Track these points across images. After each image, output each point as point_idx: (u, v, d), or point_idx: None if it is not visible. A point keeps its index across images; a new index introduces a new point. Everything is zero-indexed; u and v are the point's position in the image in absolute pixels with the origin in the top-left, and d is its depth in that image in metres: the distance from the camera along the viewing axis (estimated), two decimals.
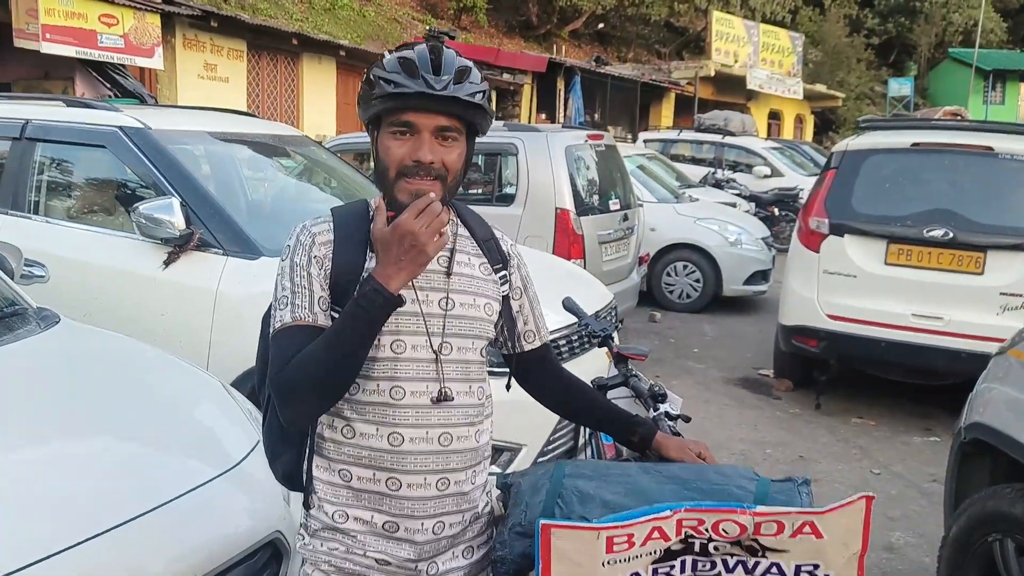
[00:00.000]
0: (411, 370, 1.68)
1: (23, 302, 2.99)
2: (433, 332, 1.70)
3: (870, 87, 32.78)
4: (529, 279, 1.92)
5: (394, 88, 1.59)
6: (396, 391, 1.68)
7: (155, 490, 2.19)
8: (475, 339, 1.75)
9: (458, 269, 1.75)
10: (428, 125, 1.61)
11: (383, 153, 1.65)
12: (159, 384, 2.81)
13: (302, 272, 1.68)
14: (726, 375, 7.01)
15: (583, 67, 20.41)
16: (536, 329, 1.93)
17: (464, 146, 1.69)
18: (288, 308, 1.67)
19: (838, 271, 5.83)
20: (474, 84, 1.64)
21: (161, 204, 3.75)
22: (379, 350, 1.67)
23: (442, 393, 1.70)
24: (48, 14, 9.79)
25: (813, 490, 1.89)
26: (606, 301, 4.43)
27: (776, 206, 13.61)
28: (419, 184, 1.62)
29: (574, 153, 6.80)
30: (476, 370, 1.78)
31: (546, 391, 1.98)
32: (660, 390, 2.50)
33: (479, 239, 1.82)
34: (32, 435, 2.31)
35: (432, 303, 1.70)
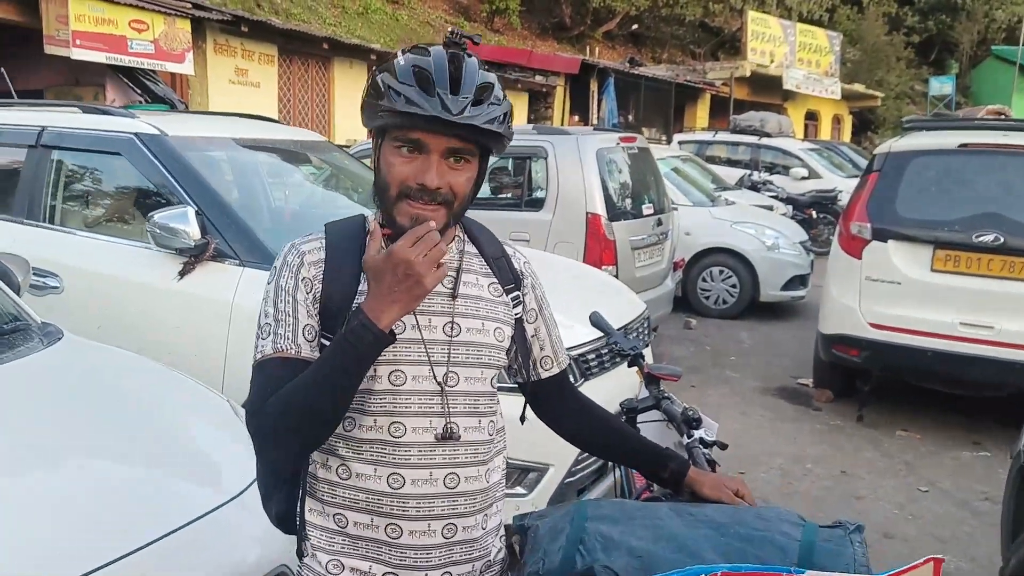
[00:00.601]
0: (412, 404, 1.52)
1: (27, 317, 2.88)
2: (437, 361, 1.53)
3: (910, 86, 32.13)
4: (545, 299, 1.75)
5: (405, 105, 1.42)
6: (396, 427, 1.51)
7: (162, 517, 2.08)
8: (484, 368, 1.59)
9: (465, 290, 1.58)
10: (438, 146, 1.45)
11: (385, 168, 1.49)
12: (164, 404, 2.68)
13: (287, 297, 1.52)
14: (763, 385, 6.78)
15: (616, 68, 20.18)
16: (553, 354, 1.76)
17: (475, 169, 1.53)
18: (270, 338, 1.51)
19: (881, 278, 5.59)
20: (495, 106, 1.46)
21: (176, 213, 3.63)
22: (376, 381, 1.50)
23: (447, 430, 1.53)
24: (78, 20, 9.78)
25: (856, 507, 1.68)
26: (638, 311, 4.23)
27: (814, 209, 13.33)
28: (422, 209, 1.46)
29: (606, 156, 6.61)
30: (486, 402, 1.61)
31: (565, 421, 1.81)
32: (695, 414, 2.31)
33: (488, 257, 1.66)
34: (31, 460, 2.19)
35: (435, 328, 1.54)
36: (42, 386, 2.54)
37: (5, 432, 2.27)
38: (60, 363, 2.67)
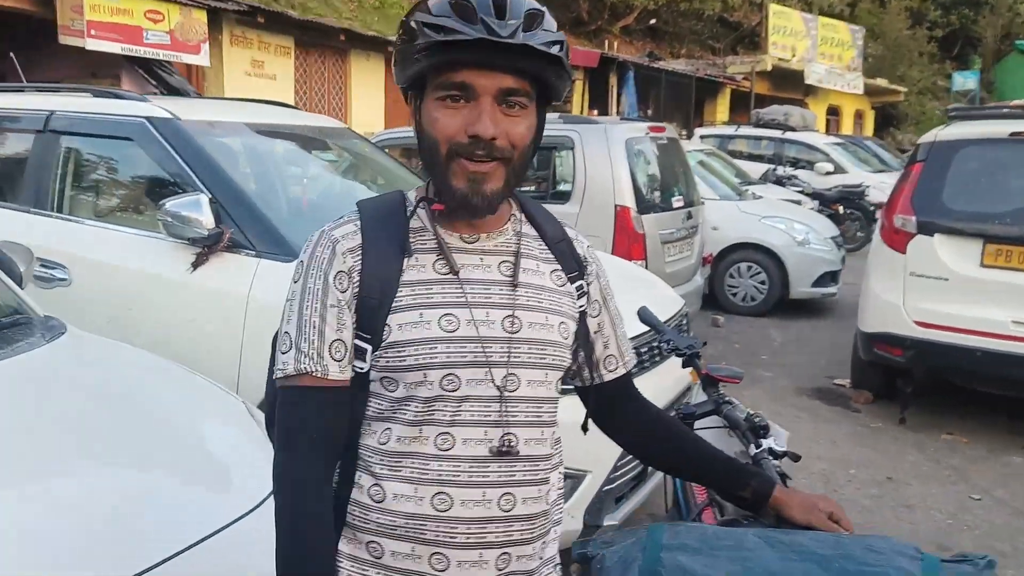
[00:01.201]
0: (465, 412, 1.29)
1: (28, 310, 2.66)
2: (496, 362, 1.30)
3: (933, 81, 31.67)
4: (610, 290, 1.51)
5: (444, 35, 1.19)
6: (444, 439, 1.29)
7: (179, 530, 1.88)
8: (549, 369, 1.35)
9: (525, 278, 1.35)
10: (490, 87, 1.22)
11: (429, 126, 1.26)
12: (176, 406, 2.46)
13: (314, 303, 1.29)
14: (799, 385, 6.52)
15: (636, 62, 19.90)
16: (619, 353, 1.53)
17: (534, 116, 1.30)
18: (291, 352, 1.28)
19: (927, 273, 5.31)
20: (550, 32, 1.23)
21: (189, 201, 3.41)
22: (424, 387, 1.28)
23: (505, 442, 1.30)
24: (93, 10, 9.62)
25: (907, 518, 1.44)
26: (676, 307, 3.99)
27: (841, 204, 13.03)
28: (479, 166, 1.24)
29: (634, 147, 6.36)
30: (548, 410, 1.37)
31: (628, 430, 1.57)
32: (761, 421, 2.07)
33: (549, 239, 1.43)
34: (31, 468, 1.97)
35: (494, 323, 1.31)
36: (42, 385, 2.33)
37: (1, 436, 2.06)
38: (62, 360, 2.46)
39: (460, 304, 1.30)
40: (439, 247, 1.32)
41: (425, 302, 1.29)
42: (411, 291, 1.29)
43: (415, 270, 1.31)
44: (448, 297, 1.30)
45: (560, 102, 1.38)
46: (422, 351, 1.27)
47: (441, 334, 1.28)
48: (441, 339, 1.28)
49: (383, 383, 1.32)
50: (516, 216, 1.41)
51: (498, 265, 1.35)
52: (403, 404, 1.30)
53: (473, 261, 1.33)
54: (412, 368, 1.28)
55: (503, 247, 1.36)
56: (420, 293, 1.29)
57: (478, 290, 1.31)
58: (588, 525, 3.22)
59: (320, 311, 1.28)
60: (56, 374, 2.39)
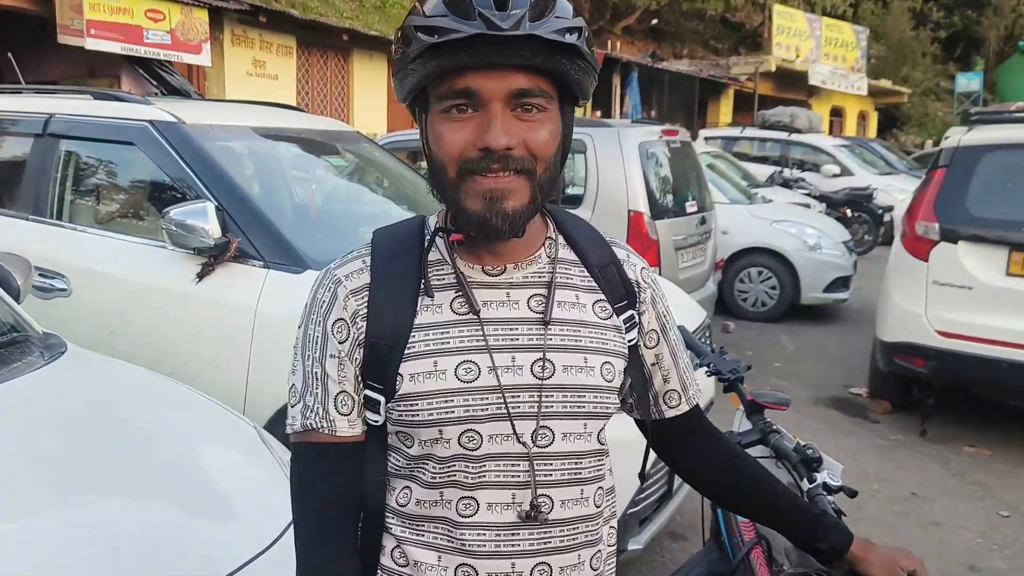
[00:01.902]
0: (488, 473, 1.14)
1: (26, 327, 2.52)
2: (522, 414, 1.14)
3: (936, 82, 31.56)
4: (669, 316, 1.34)
5: (438, 38, 1.03)
6: (466, 504, 1.14)
7: (187, 571, 1.74)
8: (588, 419, 1.18)
9: (560, 313, 1.18)
10: (498, 91, 1.06)
11: (435, 145, 1.10)
12: (182, 432, 2.31)
13: (315, 353, 1.15)
14: (814, 394, 6.37)
15: (639, 63, 19.76)
16: (681, 387, 1.35)
17: (557, 120, 1.12)
18: (299, 406, 1.16)
19: (950, 282, 5.17)
20: (563, 19, 1.06)
21: (194, 209, 3.26)
22: (442, 446, 1.13)
23: (536, 507, 1.14)
24: (93, 9, 9.46)
25: (936, 536, 1.30)
26: (700, 319, 3.85)
27: (849, 207, 12.90)
28: (495, 182, 1.07)
29: (647, 150, 6.21)
30: (591, 465, 1.20)
31: (698, 471, 1.42)
32: (814, 453, 1.93)
33: (593, 265, 1.24)
34: (32, 502, 1.83)
35: (520, 369, 1.14)
36: (41, 411, 2.18)
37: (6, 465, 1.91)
38: (62, 382, 2.31)
39: (480, 349, 1.14)
40: (459, 283, 1.16)
41: (440, 348, 1.14)
42: (425, 336, 1.14)
43: (431, 311, 1.15)
44: (467, 341, 1.14)
45: (587, 100, 1.18)
46: (436, 405, 1.12)
47: (458, 385, 1.12)
48: (458, 391, 1.12)
49: (399, 437, 1.18)
50: (552, 239, 1.23)
51: (528, 300, 1.18)
52: (420, 463, 1.15)
53: (498, 297, 1.17)
54: (426, 424, 1.13)
55: (534, 278, 1.19)
56: (435, 338, 1.14)
57: (502, 331, 1.15)
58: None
59: (321, 361, 1.15)
60: (56, 399, 2.24)
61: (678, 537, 3.91)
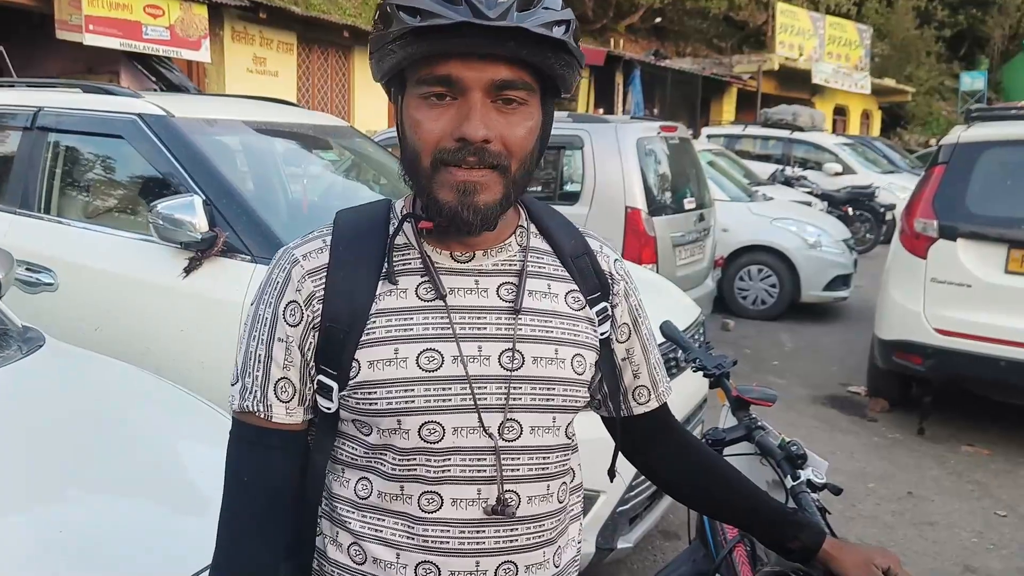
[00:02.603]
0: (453, 467, 1.10)
1: (5, 320, 2.49)
2: (489, 406, 1.10)
3: (940, 81, 31.44)
4: (642, 310, 1.30)
5: (421, 20, 0.99)
6: (429, 498, 1.10)
7: (164, 566, 1.72)
8: (557, 413, 1.15)
9: (531, 303, 1.14)
10: (479, 81, 1.02)
11: (410, 130, 1.06)
12: (163, 427, 2.28)
13: (261, 335, 1.11)
14: (812, 392, 6.33)
15: (642, 61, 19.72)
16: (651, 383, 1.32)
17: (537, 114, 1.09)
18: (239, 385, 1.12)
19: (949, 280, 5.13)
20: (552, 11, 1.02)
21: (181, 203, 3.22)
22: (400, 436, 1.09)
23: (502, 501, 1.10)
24: (92, 4, 9.44)
25: (931, 536, 1.26)
26: (693, 317, 3.81)
27: (850, 205, 12.85)
28: (468, 175, 1.03)
29: (645, 147, 6.17)
30: (558, 460, 1.17)
31: (662, 469, 1.38)
32: (798, 449, 1.89)
33: (566, 254, 1.21)
34: (6, 495, 1.80)
35: (489, 360, 1.11)
36: (17, 404, 2.15)
37: None
38: (39, 376, 2.28)
39: (446, 337, 1.10)
40: (425, 267, 1.13)
41: (402, 335, 1.09)
42: (387, 321, 1.10)
43: (394, 296, 1.11)
44: (431, 328, 1.10)
45: (569, 94, 1.16)
46: (396, 394, 1.08)
47: (419, 374, 1.08)
48: (419, 380, 1.08)
49: (356, 426, 1.14)
50: (523, 227, 1.20)
51: (497, 288, 1.14)
52: (379, 453, 1.11)
53: (466, 284, 1.13)
54: (384, 413, 1.09)
55: (505, 266, 1.16)
56: (397, 324, 1.10)
57: (470, 319, 1.11)
58: (601, 548, 3.05)
59: (267, 344, 1.11)
60: (32, 391, 2.21)
61: (671, 535, 3.88)
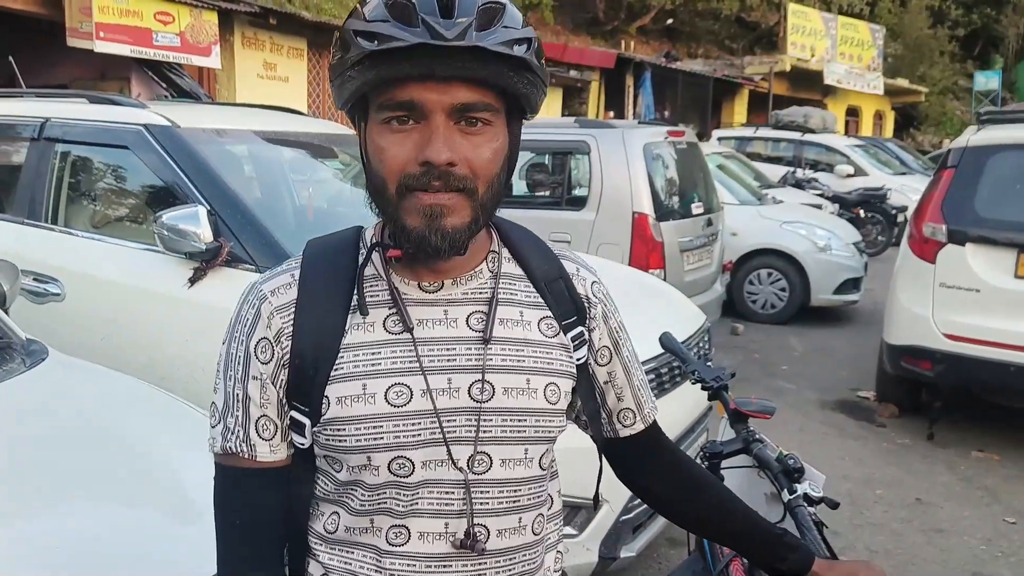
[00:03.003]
0: (421, 500, 1.09)
1: (9, 333, 2.51)
2: (458, 438, 1.09)
3: (954, 81, 31.25)
4: (623, 332, 1.28)
5: (377, 44, 0.98)
6: (396, 532, 1.09)
7: (174, 569, 1.75)
8: (530, 444, 1.13)
9: (502, 331, 1.13)
10: (440, 103, 1.01)
11: (375, 158, 1.05)
12: (161, 438, 2.29)
13: (236, 374, 1.10)
14: (821, 397, 6.31)
15: (653, 63, 19.69)
16: (636, 406, 1.30)
17: (503, 135, 1.07)
18: (220, 426, 1.12)
19: (958, 285, 5.10)
20: (512, 30, 1.01)
21: (186, 213, 3.24)
22: (370, 472, 1.08)
23: (472, 535, 1.09)
24: (102, 12, 9.47)
25: (939, 543, 1.25)
26: (698, 324, 3.80)
27: (862, 207, 12.81)
28: (434, 198, 1.01)
29: (652, 152, 6.17)
30: (531, 492, 1.15)
31: (652, 486, 1.36)
32: (795, 463, 1.88)
33: (539, 280, 1.18)
34: (9, 508, 1.81)
35: (457, 392, 1.09)
36: (19, 417, 2.17)
37: None
38: (42, 389, 2.30)
39: (413, 371, 1.08)
40: (393, 299, 1.11)
41: (370, 370, 1.08)
42: (354, 356, 1.09)
43: (362, 330, 1.10)
44: (399, 362, 1.08)
45: (535, 113, 1.13)
46: (365, 430, 1.07)
47: (388, 409, 1.07)
48: (388, 416, 1.07)
49: (327, 461, 1.13)
50: (495, 252, 1.18)
51: (467, 318, 1.12)
52: (349, 489, 1.11)
53: (435, 315, 1.11)
54: (354, 450, 1.08)
55: (475, 294, 1.13)
56: (365, 359, 1.08)
57: (438, 351, 1.09)
58: (604, 558, 3.04)
59: (243, 383, 1.10)
60: (34, 405, 2.23)
61: (676, 543, 3.86)
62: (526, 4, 21.64)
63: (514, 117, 1.10)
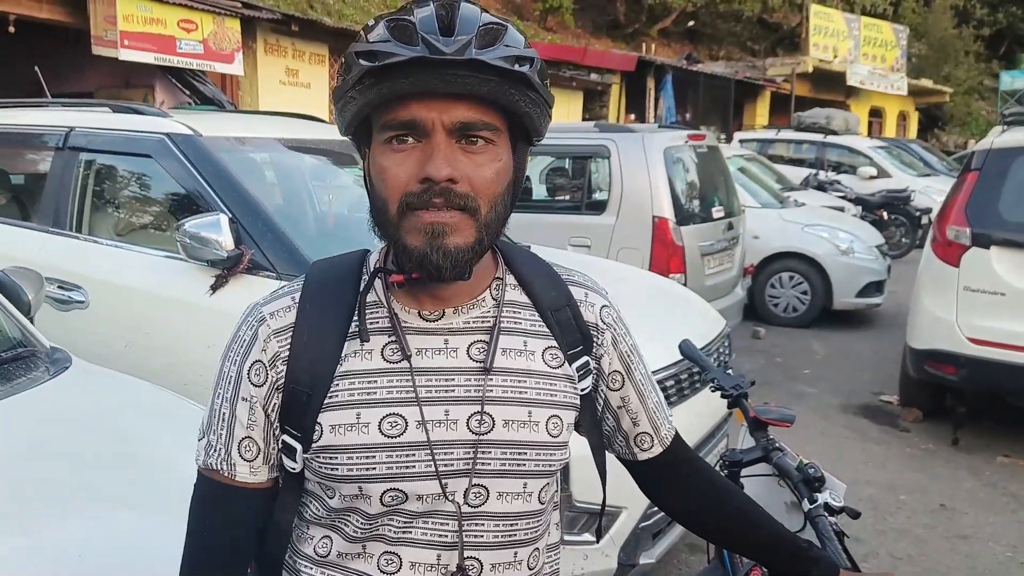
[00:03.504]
0: (415, 530, 1.08)
1: (34, 341, 2.54)
2: (453, 471, 1.08)
3: (979, 81, 30.94)
4: (635, 355, 1.26)
5: (377, 61, 0.98)
6: (388, 559, 1.09)
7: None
8: (529, 478, 1.12)
9: (504, 362, 1.11)
10: (441, 121, 1.00)
11: (377, 177, 1.04)
12: (185, 447, 2.31)
13: (226, 392, 1.10)
14: (843, 401, 6.26)
15: (673, 65, 19.64)
16: (653, 429, 1.28)
17: (506, 156, 1.05)
18: (204, 441, 1.13)
19: (982, 288, 5.05)
20: (513, 48, 1.00)
21: (207, 221, 3.27)
22: (364, 501, 1.07)
23: (462, 569, 1.08)
24: (127, 20, 9.59)
25: (963, 549, 1.23)
26: (718, 329, 3.78)
27: (885, 209, 12.69)
28: (436, 216, 1.00)
29: (673, 155, 6.15)
30: (528, 527, 1.14)
31: (675, 501, 1.36)
32: (816, 472, 1.87)
33: (545, 308, 1.16)
34: (34, 516, 1.84)
35: (455, 424, 1.08)
36: (43, 426, 2.19)
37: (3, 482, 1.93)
38: (65, 398, 2.32)
39: (409, 401, 1.07)
40: (392, 327, 1.09)
41: (365, 399, 1.07)
42: (350, 384, 1.07)
43: (359, 357, 1.08)
44: (395, 392, 1.07)
45: (541, 137, 1.10)
46: (358, 461, 1.06)
47: (381, 440, 1.06)
48: (381, 446, 1.06)
49: (321, 487, 1.12)
50: (500, 279, 1.15)
51: (468, 348, 1.10)
52: (343, 516, 1.10)
53: (435, 344, 1.09)
54: (346, 480, 1.07)
55: (477, 323, 1.11)
56: (360, 387, 1.07)
57: (437, 382, 1.08)
58: (623, 564, 3.03)
59: (231, 402, 1.10)
60: (58, 414, 2.25)
61: (696, 549, 3.85)
62: (546, 8, 21.67)
63: (519, 140, 1.08)
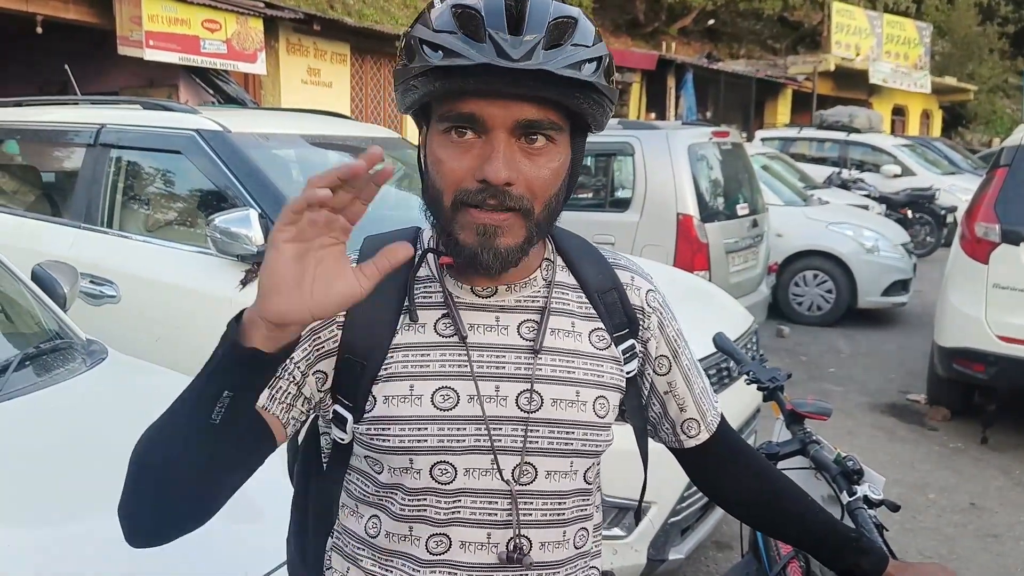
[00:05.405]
0: (464, 509, 1.08)
1: (70, 334, 2.56)
2: (505, 448, 1.07)
3: (1004, 79, 30.62)
4: (681, 340, 1.25)
5: (443, 59, 0.96)
6: (438, 541, 1.08)
7: (233, 567, 1.79)
8: (575, 457, 1.12)
9: (553, 341, 1.11)
10: (503, 120, 0.99)
11: (433, 167, 1.04)
12: None
13: None
14: (870, 400, 6.21)
15: (694, 64, 19.58)
16: (699, 415, 1.27)
17: (566, 153, 1.05)
18: None
19: (1012, 285, 5.00)
20: (582, 47, 0.99)
21: (238, 216, 3.30)
22: (411, 476, 1.07)
23: (516, 546, 1.08)
24: (151, 20, 9.67)
25: (994, 548, 1.22)
26: (746, 326, 3.77)
27: (909, 208, 12.58)
28: (489, 217, 1.00)
29: (697, 152, 6.13)
30: (575, 506, 1.14)
31: (730, 496, 1.35)
32: (854, 464, 1.86)
33: (592, 291, 1.16)
34: (74, 507, 1.86)
35: (506, 400, 1.08)
36: (81, 416, 2.21)
37: (40, 473, 1.95)
38: (103, 389, 2.35)
39: (463, 375, 1.07)
40: (446, 303, 1.10)
41: (418, 371, 1.07)
42: (404, 356, 1.08)
43: (413, 331, 1.09)
44: (448, 366, 1.07)
45: (601, 131, 1.11)
46: (409, 432, 1.06)
47: (434, 412, 1.06)
48: (433, 418, 1.06)
49: (368, 463, 1.12)
50: (550, 260, 1.16)
51: (518, 326, 1.10)
52: (390, 492, 1.10)
53: (486, 321, 1.10)
54: (396, 451, 1.07)
55: (527, 302, 1.12)
56: (414, 360, 1.08)
57: (488, 358, 1.08)
58: (652, 560, 3.03)
59: None
60: (96, 404, 2.28)
61: (723, 546, 3.84)
62: None
63: (578, 133, 1.08)
